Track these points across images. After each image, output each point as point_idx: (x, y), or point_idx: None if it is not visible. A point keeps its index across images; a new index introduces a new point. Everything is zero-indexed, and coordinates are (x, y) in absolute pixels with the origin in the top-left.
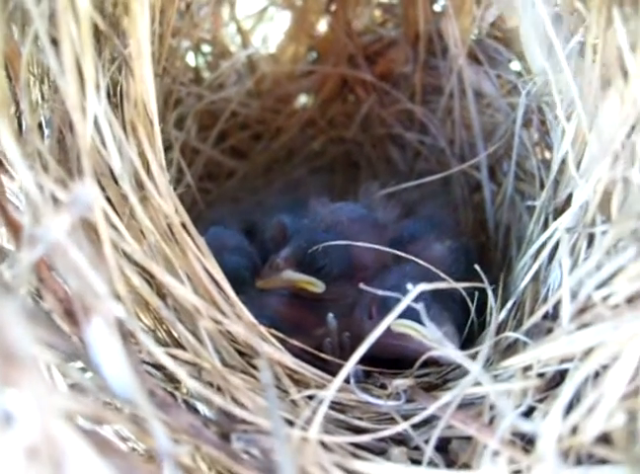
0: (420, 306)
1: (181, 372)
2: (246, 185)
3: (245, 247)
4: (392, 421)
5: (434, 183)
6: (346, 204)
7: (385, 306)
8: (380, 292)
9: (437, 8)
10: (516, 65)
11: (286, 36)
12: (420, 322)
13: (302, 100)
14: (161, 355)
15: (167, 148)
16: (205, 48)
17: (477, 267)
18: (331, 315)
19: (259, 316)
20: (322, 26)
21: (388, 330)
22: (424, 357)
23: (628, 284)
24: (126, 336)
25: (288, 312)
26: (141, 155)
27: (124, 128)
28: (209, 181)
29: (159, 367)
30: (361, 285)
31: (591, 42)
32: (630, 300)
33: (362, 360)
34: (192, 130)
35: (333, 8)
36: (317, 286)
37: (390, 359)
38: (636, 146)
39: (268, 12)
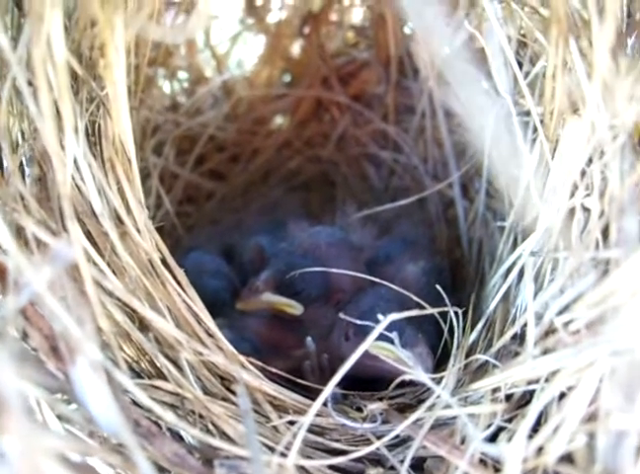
0: (394, 335)
1: (159, 409)
2: (225, 206)
3: (224, 270)
4: (369, 442)
5: None
6: (323, 229)
7: (361, 328)
8: (359, 322)
9: (407, 30)
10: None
11: (261, 59)
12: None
13: (278, 121)
14: (141, 394)
15: (146, 175)
16: (182, 75)
17: (443, 292)
18: (309, 338)
19: (239, 337)
20: (296, 49)
21: (364, 351)
22: (399, 380)
23: (587, 311)
24: (111, 370)
25: (268, 333)
26: (120, 192)
27: (104, 166)
28: (189, 204)
29: None
30: (340, 315)
31: (551, 71)
32: (589, 326)
33: (340, 380)
34: (170, 156)
35: (306, 31)
36: (296, 308)
37: (367, 379)
38: (594, 175)
39: (242, 37)
